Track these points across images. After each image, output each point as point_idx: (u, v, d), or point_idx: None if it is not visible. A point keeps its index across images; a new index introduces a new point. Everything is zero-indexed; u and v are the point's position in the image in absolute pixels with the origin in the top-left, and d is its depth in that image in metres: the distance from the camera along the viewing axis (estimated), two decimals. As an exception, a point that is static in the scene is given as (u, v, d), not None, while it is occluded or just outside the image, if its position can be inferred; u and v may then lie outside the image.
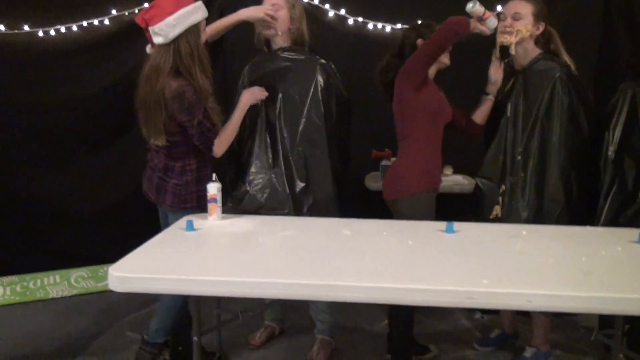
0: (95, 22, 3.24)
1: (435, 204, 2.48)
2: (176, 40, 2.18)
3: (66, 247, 3.41)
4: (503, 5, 2.48)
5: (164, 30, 2.16)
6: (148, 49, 2.32)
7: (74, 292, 3.49)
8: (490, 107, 2.56)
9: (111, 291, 1.67)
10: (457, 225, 2.12)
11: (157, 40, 2.19)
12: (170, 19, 2.15)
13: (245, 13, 2.50)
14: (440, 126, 2.47)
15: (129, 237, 2.06)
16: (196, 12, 2.22)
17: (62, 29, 3.20)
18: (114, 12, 3.26)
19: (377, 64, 2.56)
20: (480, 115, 2.58)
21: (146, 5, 3.22)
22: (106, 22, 3.26)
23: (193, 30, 2.21)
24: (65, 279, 3.45)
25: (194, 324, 2.00)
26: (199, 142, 2.26)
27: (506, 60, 2.57)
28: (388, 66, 2.50)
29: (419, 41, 2.42)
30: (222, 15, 3.23)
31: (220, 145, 2.32)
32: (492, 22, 2.26)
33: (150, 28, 2.19)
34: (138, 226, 2.45)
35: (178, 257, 1.80)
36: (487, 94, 2.53)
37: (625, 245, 1.96)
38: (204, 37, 2.31)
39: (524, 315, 2.85)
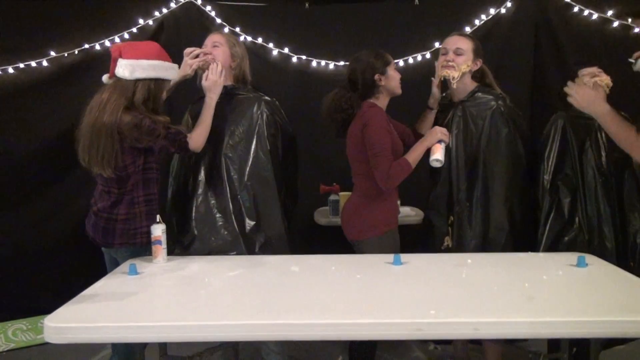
0: (33, 63, 3.17)
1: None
2: (137, 81, 2.17)
3: (2, 298, 3.23)
4: (441, 42, 2.59)
5: (131, 67, 2.15)
6: (105, 78, 2.28)
7: (12, 345, 3.30)
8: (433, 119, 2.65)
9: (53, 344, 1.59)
10: (404, 257, 2.14)
11: (120, 72, 2.16)
12: (144, 62, 2.15)
13: (177, 75, 2.53)
14: None
15: (71, 285, 1.96)
16: (170, 70, 2.26)
17: (-2, 71, 3.13)
18: (52, 53, 3.20)
19: (324, 100, 2.53)
20: (426, 127, 2.64)
21: (86, 46, 3.22)
22: (44, 63, 3.19)
23: (158, 82, 2.22)
24: (1, 332, 3.26)
25: (138, 372, 1.91)
26: (173, 148, 2.29)
27: (444, 94, 2.67)
28: (342, 103, 2.44)
29: (377, 76, 2.41)
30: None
31: (197, 140, 2.34)
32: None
33: (120, 59, 2.16)
34: (81, 274, 2.35)
35: (120, 303, 1.73)
36: (432, 109, 2.62)
37: (566, 269, 2.02)
38: (163, 95, 2.32)
39: (476, 344, 2.87)
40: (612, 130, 2.03)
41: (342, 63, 3.47)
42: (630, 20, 2.18)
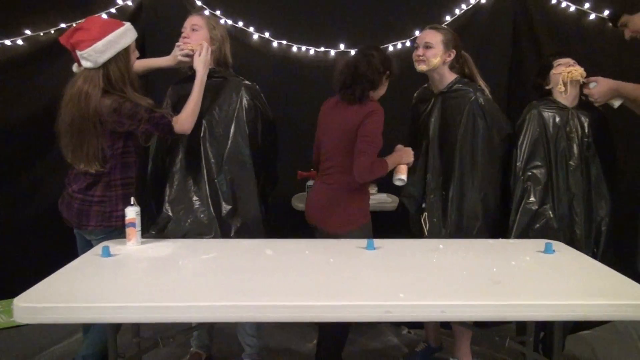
0: (7, 42, 3.11)
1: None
2: (105, 65, 2.13)
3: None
4: (421, 30, 2.62)
5: (92, 56, 2.10)
6: (75, 67, 2.25)
7: (-15, 328, 3.27)
8: None
9: (27, 325, 1.58)
10: (377, 242, 2.17)
11: (86, 64, 2.13)
12: (99, 45, 2.09)
13: (162, 62, 2.55)
14: None
15: (46, 267, 1.94)
16: (125, 36, 2.18)
17: (-29, 50, 3.07)
18: (28, 32, 3.14)
19: (340, 63, 2.49)
20: None
21: (63, 25, 3.17)
22: (19, 42, 3.13)
23: (123, 54, 2.17)
24: (-26, 314, 3.23)
25: (110, 353, 1.91)
26: (157, 131, 2.24)
27: (426, 85, 2.70)
28: (355, 84, 2.37)
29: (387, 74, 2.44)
30: (143, 36, 3.22)
31: (186, 122, 2.28)
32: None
33: (78, 52, 2.12)
34: (56, 255, 2.32)
35: (92, 284, 1.73)
36: None
37: (533, 255, 2.07)
38: (134, 57, 2.27)
39: (448, 328, 2.94)
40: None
41: (322, 49, 3.47)
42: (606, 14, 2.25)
